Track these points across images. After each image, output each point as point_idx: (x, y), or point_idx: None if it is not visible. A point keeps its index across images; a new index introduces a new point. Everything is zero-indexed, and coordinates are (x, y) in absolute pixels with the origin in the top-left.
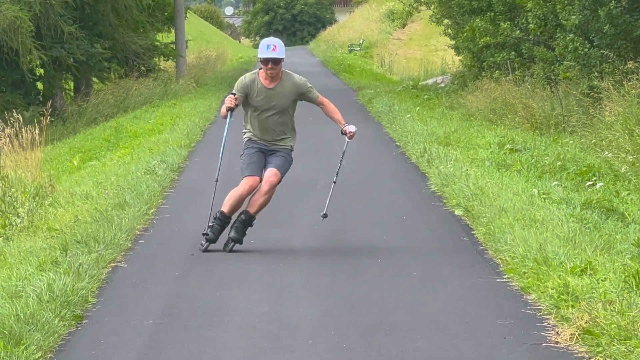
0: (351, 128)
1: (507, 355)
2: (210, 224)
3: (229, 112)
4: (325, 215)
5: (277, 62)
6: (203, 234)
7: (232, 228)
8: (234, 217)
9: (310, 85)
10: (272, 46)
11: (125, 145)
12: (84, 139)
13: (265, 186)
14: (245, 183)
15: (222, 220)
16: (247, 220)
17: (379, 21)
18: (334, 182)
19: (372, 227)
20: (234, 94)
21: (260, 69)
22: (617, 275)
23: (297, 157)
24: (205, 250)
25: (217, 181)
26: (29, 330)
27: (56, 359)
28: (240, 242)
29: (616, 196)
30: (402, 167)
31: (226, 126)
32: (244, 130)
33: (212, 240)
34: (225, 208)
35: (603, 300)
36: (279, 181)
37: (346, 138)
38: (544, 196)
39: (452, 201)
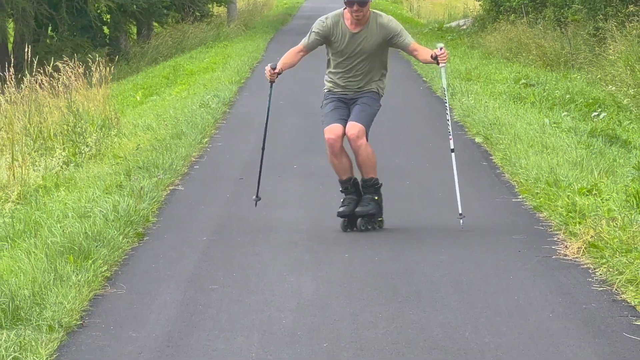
0: (440, 44)
1: (521, 267)
2: (342, 199)
3: (270, 84)
4: (461, 216)
5: (363, 4)
6: (255, 199)
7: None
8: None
9: (401, 28)
10: None
11: (182, 82)
12: (146, 77)
13: (352, 145)
14: (326, 135)
15: (346, 188)
16: (370, 185)
17: None
18: (452, 152)
19: (401, 153)
20: (274, 67)
21: (345, 8)
22: (619, 195)
23: None
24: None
25: (263, 149)
26: (97, 246)
27: (120, 272)
28: (375, 212)
29: (619, 125)
30: (428, 100)
31: (269, 99)
32: (326, 79)
33: (345, 214)
34: (338, 175)
35: (607, 217)
36: (364, 132)
37: (440, 66)
38: (555, 125)
39: (472, 130)
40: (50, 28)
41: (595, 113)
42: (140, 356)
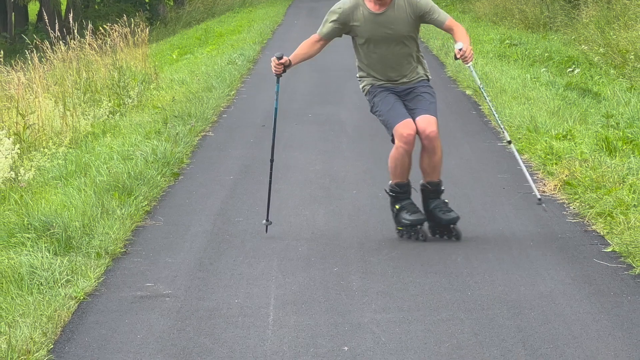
0: (458, 45)
1: (505, 202)
2: (397, 207)
3: (277, 78)
4: (540, 201)
5: None
6: (265, 223)
7: (432, 210)
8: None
9: (433, 4)
10: None
11: (213, 42)
12: (181, 38)
13: (429, 144)
14: (402, 132)
15: (407, 191)
16: (438, 190)
17: None
18: (509, 143)
19: None
20: (280, 57)
21: None
22: (590, 140)
23: (340, 46)
24: (419, 238)
25: (272, 161)
26: (138, 185)
27: (158, 206)
28: (456, 219)
29: (591, 80)
30: (425, 58)
31: (276, 97)
32: (360, 74)
33: (421, 221)
34: (397, 178)
35: (579, 159)
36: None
37: (466, 65)
38: (535, 80)
39: (463, 84)
40: None
41: (570, 69)
42: (176, 279)
